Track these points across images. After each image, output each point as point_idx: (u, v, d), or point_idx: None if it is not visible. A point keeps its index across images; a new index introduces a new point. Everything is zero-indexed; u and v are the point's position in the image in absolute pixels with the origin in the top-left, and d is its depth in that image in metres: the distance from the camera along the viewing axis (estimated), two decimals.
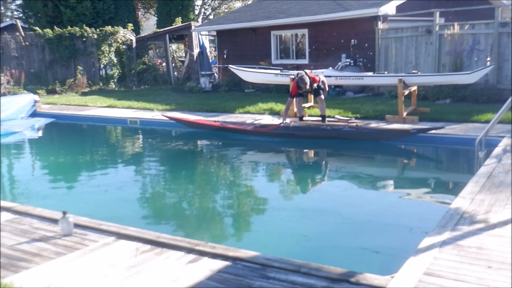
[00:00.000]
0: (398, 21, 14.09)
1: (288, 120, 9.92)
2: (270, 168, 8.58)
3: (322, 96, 9.85)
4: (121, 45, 20.18)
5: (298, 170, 8.51)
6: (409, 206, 6.23)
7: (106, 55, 19.76)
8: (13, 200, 6.34)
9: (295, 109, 10.41)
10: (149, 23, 32.89)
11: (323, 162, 9.08)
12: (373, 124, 9.46)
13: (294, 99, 9.99)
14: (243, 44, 17.69)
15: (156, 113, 12.53)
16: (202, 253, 3.88)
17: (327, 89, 10.12)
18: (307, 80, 9.53)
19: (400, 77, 9.95)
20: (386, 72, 12.81)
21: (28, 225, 4.69)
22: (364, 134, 9.14)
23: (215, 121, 10.49)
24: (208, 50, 21.24)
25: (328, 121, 9.81)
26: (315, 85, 9.76)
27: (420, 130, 8.73)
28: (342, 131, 9.23)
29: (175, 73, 21.63)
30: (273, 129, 9.66)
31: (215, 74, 19.08)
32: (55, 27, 19.89)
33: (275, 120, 10.54)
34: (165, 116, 11.21)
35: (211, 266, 3.68)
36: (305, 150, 9.55)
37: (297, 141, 9.57)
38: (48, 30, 19.53)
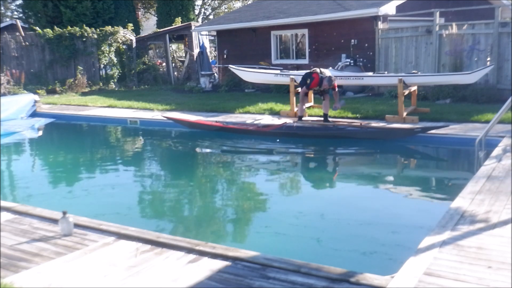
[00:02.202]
0: (398, 21, 14.09)
1: (291, 120, 9.88)
2: (271, 168, 8.56)
3: (328, 97, 9.90)
4: (121, 45, 20.18)
5: (299, 170, 8.50)
6: (409, 206, 6.23)
7: (106, 55, 19.76)
8: (13, 200, 6.34)
9: (295, 109, 10.41)
10: (149, 23, 32.89)
11: (324, 162, 9.07)
12: (373, 124, 9.46)
13: (299, 98, 9.97)
14: (243, 44, 17.68)
15: (156, 113, 12.52)
16: (202, 253, 3.88)
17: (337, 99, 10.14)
18: (334, 82, 9.66)
19: (400, 77, 9.95)
20: (386, 72, 12.80)
21: (28, 225, 4.69)
22: (368, 133, 9.13)
23: (216, 121, 10.46)
24: (208, 50, 21.24)
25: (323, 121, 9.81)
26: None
27: (425, 128, 8.72)
28: (346, 130, 9.21)
29: (175, 73, 21.63)
30: (276, 129, 9.62)
31: (215, 74, 19.08)
32: (55, 27, 19.89)
33: (275, 120, 10.54)
34: (164, 116, 11.18)
35: (211, 266, 3.68)
36: (307, 150, 9.53)
37: (300, 141, 9.55)
38: (48, 30, 19.53)
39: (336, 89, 9.90)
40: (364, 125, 9.22)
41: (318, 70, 9.91)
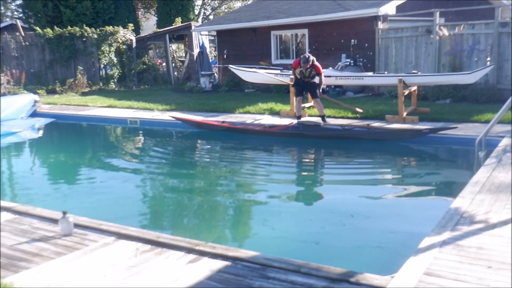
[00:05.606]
0: (398, 21, 14.09)
1: (294, 121, 9.87)
2: (274, 168, 8.51)
3: (318, 99, 9.91)
4: (121, 45, 20.18)
5: (302, 170, 8.48)
6: (409, 206, 6.23)
7: (106, 55, 19.76)
8: (13, 200, 6.34)
9: (295, 109, 10.40)
10: (149, 23, 32.89)
11: (327, 163, 9.02)
12: (376, 124, 9.44)
13: (295, 98, 10.02)
14: (243, 44, 17.68)
15: (156, 113, 12.52)
16: (202, 253, 3.88)
17: (322, 84, 10.12)
18: (310, 62, 9.69)
19: (400, 77, 9.95)
20: (386, 72, 12.81)
21: (28, 225, 4.69)
22: (375, 134, 9.07)
23: (223, 121, 10.44)
24: (208, 50, 21.23)
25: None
26: (315, 74, 9.86)
27: (433, 130, 8.68)
28: (353, 131, 9.14)
29: (175, 73, 21.63)
30: (283, 129, 9.58)
31: (215, 74, 19.08)
32: (55, 27, 19.89)
33: (282, 120, 10.51)
34: (172, 116, 11.17)
35: (211, 266, 3.68)
36: (311, 150, 9.51)
37: (305, 141, 9.51)
38: (48, 30, 19.53)
39: (322, 74, 9.94)
40: (371, 126, 9.17)
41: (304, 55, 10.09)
